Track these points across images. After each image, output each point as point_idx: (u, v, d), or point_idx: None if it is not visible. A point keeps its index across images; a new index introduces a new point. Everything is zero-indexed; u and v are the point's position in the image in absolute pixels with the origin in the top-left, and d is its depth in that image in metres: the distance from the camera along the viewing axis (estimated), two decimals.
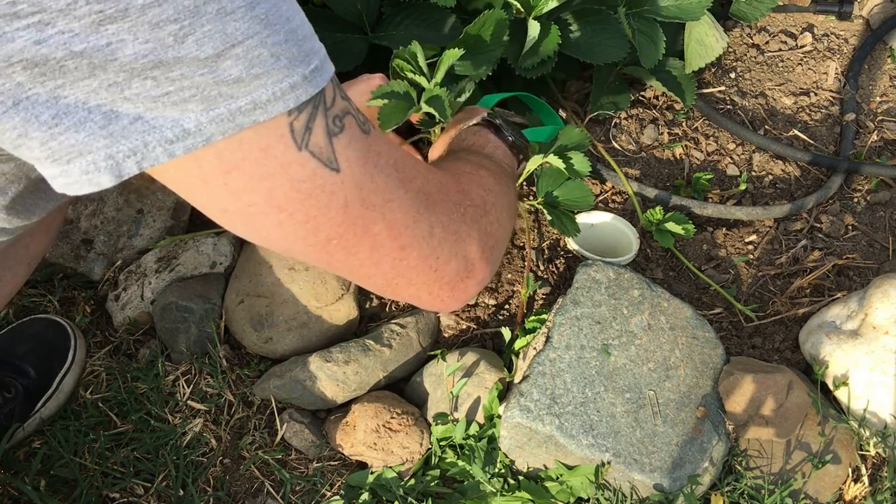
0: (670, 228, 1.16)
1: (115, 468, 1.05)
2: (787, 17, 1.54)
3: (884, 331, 1.06)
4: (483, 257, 0.67)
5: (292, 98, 0.48)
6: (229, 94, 0.46)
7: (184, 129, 0.46)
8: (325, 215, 0.54)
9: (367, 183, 0.55)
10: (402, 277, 0.62)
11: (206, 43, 0.44)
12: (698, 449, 1.01)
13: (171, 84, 0.44)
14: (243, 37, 0.45)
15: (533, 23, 1.10)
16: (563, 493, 1.02)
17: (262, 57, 0.46)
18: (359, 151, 0.54)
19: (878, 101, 1.44)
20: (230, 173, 0.49)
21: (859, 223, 1.28)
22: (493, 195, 0.73)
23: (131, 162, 0.46)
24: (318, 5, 1.23)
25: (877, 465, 1.07)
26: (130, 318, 1.17)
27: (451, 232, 0.64)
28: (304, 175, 0.51)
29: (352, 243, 0.57)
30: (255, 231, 0.54)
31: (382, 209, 0.57)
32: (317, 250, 0.56)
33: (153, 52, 0.43)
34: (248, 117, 0.47)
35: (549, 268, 1.21)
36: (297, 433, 1.08)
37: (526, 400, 1.01)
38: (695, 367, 1.06)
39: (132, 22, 0.42)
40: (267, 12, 0.46)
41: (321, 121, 0.51)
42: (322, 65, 0.50)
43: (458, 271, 0.65)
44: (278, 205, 0.52)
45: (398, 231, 0.59)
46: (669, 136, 1.35)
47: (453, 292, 0.66)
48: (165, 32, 0.43)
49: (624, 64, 1.30)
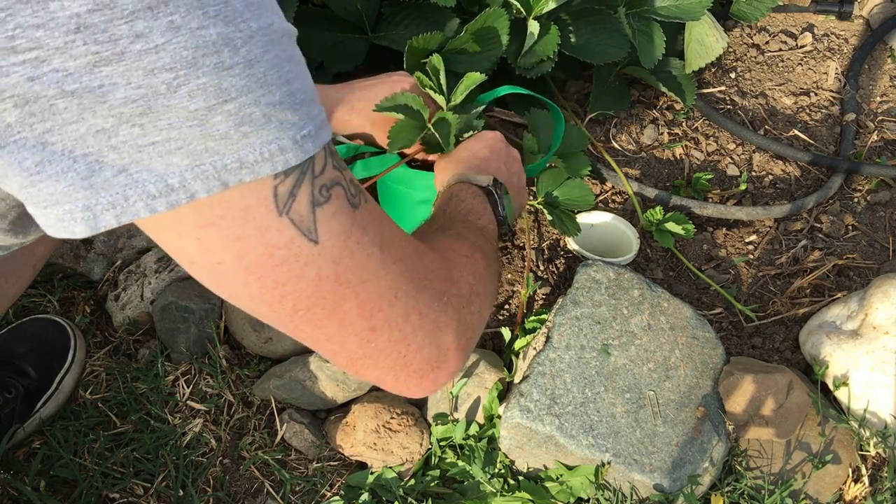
0: (670, 228, 1.16)
1: (114, 468, 1.05)
2: (788, 17, 1.54)
3: (884, 331, 1.06)
4: (458, 348, 0.64)
5: (281, 161, 0.47)
6: (215, 151, 0.45)
7: (167, 185, 0.45)
8: (294, 285, 0.52)
9: (346, 259, 0.53)
10: (368, 359, 0.59)
11: (198, 95, 0.43)
12: (698, 449, 1.01)
13: (157, 133, 0.43)
14: (237, 94, 0.44)
15: (533, 23, 1.10)
16: (563, 493, 1.02)
17: (254, 116, 0.45)
18: (342, 225, 0.52)
19: (879, 101, 1.44)
20: (205, 229, 0.48)
21: (859, 223, 1.28)
22: (480, 284, 0.70)
23: (110, 215, 0.45)
24: (318, 5, 1.23)
25: (877, 466, 1.07)
26: (130, 318, 1.17)
27: (430, 321, 0.61)
28: (280, 241, 0.50)
29: (319, 317, 0.55)
30: (221, 288, 0.53)
31: (357, 287, 0.55)
32: (282, 317, 0.55)
33: (143, 98, 0.42)
34: (235, 176, 0.46)
35: (549, 268, 1.21)
36: (297, 433, 1.08)
37: (526, 400, 1.01)
38: (695, 367, 1.06)
39: (127, 66, 0.41)
40: (266, 72, 0.45)
41: (307, 188, 0.50)
42: (316, 131, 0.49)
43: (428, 361, 0.62)
44: (247, 267, 0.50)
45: (370, 312, 0.56)
46: (669, 136, 1.34)
47: (420, 381, 0.63)
48: (159, 80, 0.42)
49: (624, 64, 1.30)
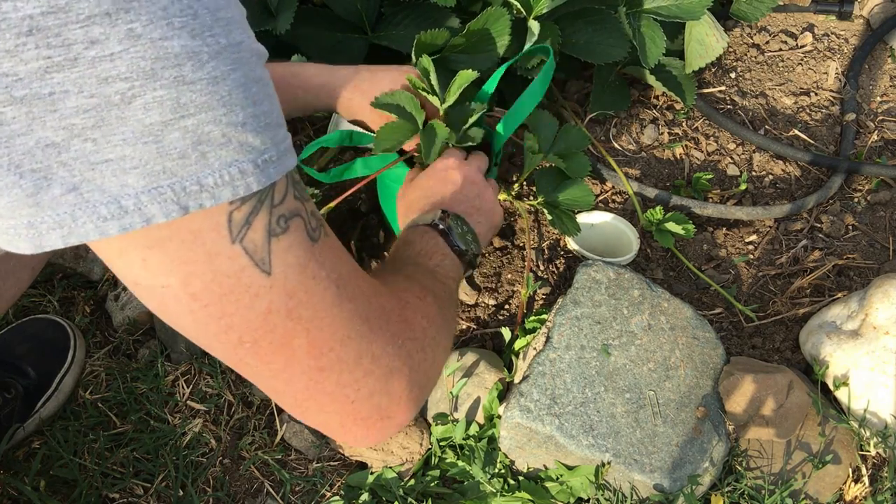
0: (670, 228, 1.16)
1: (114, 468, 1.05)
2: (788, 16, 1.54)
3: (884, 331, 1.06)
4: (410, 398, 0.61)
5: (242, 185, 0.45)
6: (172, 172, 0.42)
7: (121, 207, 0.42)
8: (242, 316, 0.49)
9: (300, 293, 0.51)
10: (314, 401, 0.56)
11: (154, 108, 0.41)
12: (698, 449, 1.01)
13: (111, 150, 0.41)
14: (196, 110, 0.42)
15: (533, 23, 1.09)
16: (563, 493, 1.02)
17: (213, 135, 0.43)
18: (298, 258, 0.50)
19: (879, 101, 1.44)
20: (151, 249, 0.45)
21: (860, 223, 1.28)
22: (434, 328, 0.67)
23: (55, 235, 0.43)
24: (318, 5, 1.23)
25: (877, 466, 1.07)
26: (130, 318, 1.17)
27: (382, 365, 0.58)
28: (230, 270, 0.47)
29: (266, 351, 0.52)
30: (165, 313, 0.50)
31: (309, 324, 0.52)
32: (226, 349, 0.52)
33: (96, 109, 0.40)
34: (195, 200, 0.43)
35: (549, 268, 1.21)
36: (297, 433, 1.08)
37: (526, 400, 1.01)
38: (695, 367, 1.06)
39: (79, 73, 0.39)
40: (231, 91, 0.43)
41: (264, 217, 0.47)
42: (279, 157, 0.47)
43: (378, 409, 0.59)
44: (193, 293, 0.48)
45: (321, 351, 0.54)
46: (669, 136, 1.34)
47: (368, 431, 0.59)
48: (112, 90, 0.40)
49: (624, 64, 1.30)
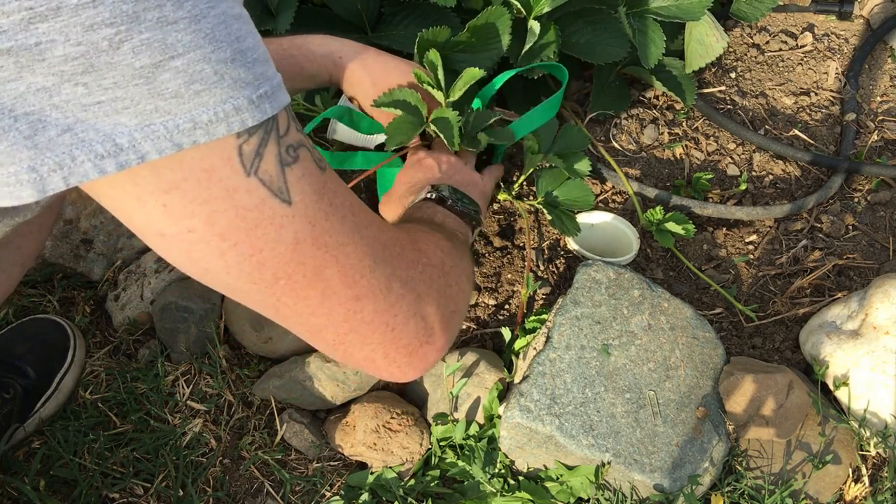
0: (670, 228, 1.16)
1: (114, 468, 1.05)
2: (788, 16, 1.54)
3: (884, 331, 1.06)
4: (442, 321, 0.62)
5: (237, 121, 0.45)
6: (166, 110, 0.43)
7: (116, 145, 0.42)
8: (272, 250, 0.49)
9: (321, 221, 0.51)
10: (356, 333, 0.57)
11: (143, 52, 0.41)
12: (698, 449, 1.01)
13: (102, 93, 0.41)
14: (184, 49, 0.42)
15: (533, 23, 1.09)
16: (563, 493, 1.02)
17: (205, 73, 0.43)
18: (313, 186, 0.51)
19: (879, 101, 1.44)
20: (169, 193, 0.45)
21: (860, 223, 1.28)
22: (451, 258, 0.68)
23: (57, 177, 0.43)
24: (318, 5, 1.23)
25: (877, 466, 1.07)
26: (130, 318, 1.17)
27: (410, 289, 0.59)
28: (251, 203, 0.47)
29: (301, 285, 0.52)
30: (194, 262, 0.50)
31: (336, 252, 0.53)
32: (262, 290, 0.52)
33: (84, 56, 0.40)
34: (188, 137, 0.44)
35: (549, 268, 1.21)
36: (297, 433, 1.08)
37: (526, 400, 1.01)
38: (695, 367, 1.06)
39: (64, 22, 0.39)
40: (214, 28, 0.43)
41: (273, 148, 0.48)
42: (273, 92, 0.47)
43: (416, 334, 0.60)
44: (221, 233, 0.48)
45: (353, 279, 0.54)
46: (669, 136, 1.34)
47: (411, 358, 0.60)
48: (99, 36, 0.40)
49: (624, 64, 1.30)
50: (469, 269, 0.75)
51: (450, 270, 0.67)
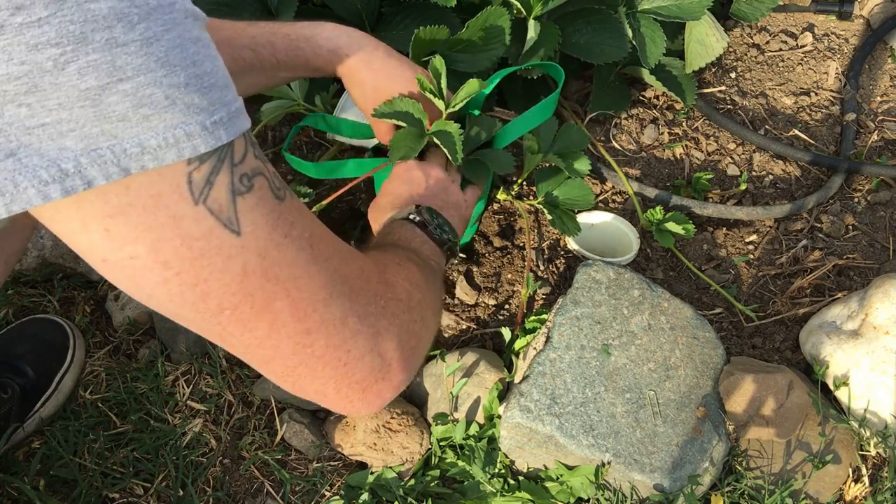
0: (670, 228, 1.16)
1: (114, 468, 1.05)
2: (788, 16, 1.54)
3: (884, 331, 1.06)
4: (401, 358, 0.60)
5: (188, 147, 0.44)
6: (112, 134, 0.41)
7: (60, 170, 0.41)
8: (218, 280, 0.48)
9: (272, 252, 0.50)
10: (306, 367, 0.55)
11: (89, 73, 0.40)
12: (698, 449, 1.01)
13: (47, 115, 0.40)
14: (134, 73, 0.41)
15: (533, 23, 1.09)
16: (563, 493, 1.02)
17: (155, 97, 0.42)
18: (266, 217, 0.49)
19: (879, 101, 1.44)
20: (113, 218, 0.44)
21: (860, 223, 1.28)
22: (419, 291, 0.67)
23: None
24: (318, 5, 1.23)
25: (877, 466, 1.07)
26: (130, 317, 1.17)
27: (369, 325, 0.57)
28: (198, 232, 0.46)
29: (248, 317, 0.51)
30: (138, 288, 0.49)
31: (288, 284, 0.51)
32: (207, 319, 0.50)
33: (28, 76, 0.39)
34: (136, 162, 0.42)
35: (549, 268, 1.21)
36: (297, 433, 1.08)
37: (526, 400, 1.01)
38: (695, 367, 1.06)
39: (7, 41, 0.38)
40: (167, 52, 0.42)
41: (225, 176, 0.46)
42: (230, 118, 0.46)
43: (371, 370, 0.58)
44: (164, 261, 0.46)
45: (304, 312, 0.53)
46: (669, 136, 1.34)
47: (365, 394, 0.59)
48: (44, 56, 0.39)
49: (624, 64, 1.30)
50: (438, 302, 0.74)
51: (416, 305, 0.65)
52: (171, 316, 0.51)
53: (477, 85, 0.92)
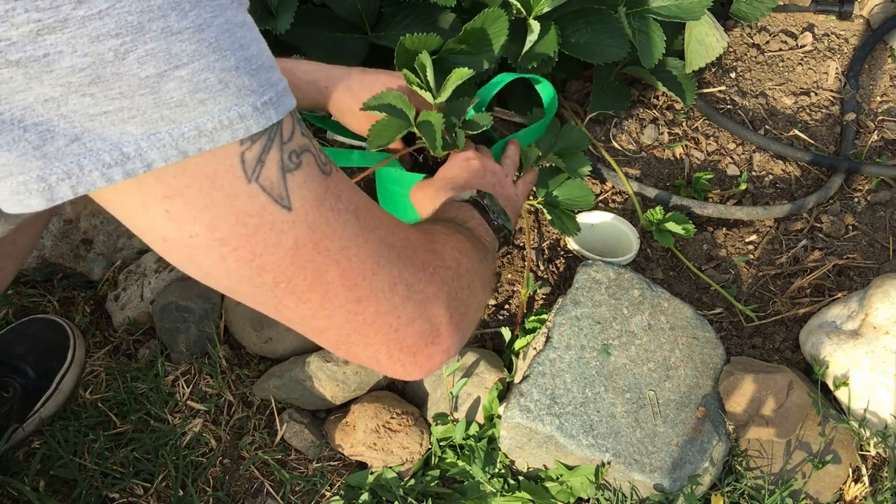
0: (670, 228, 1.16)
1: (114, 468, 1.05)
2: (788, 16, 1.54)
3: (884, 331, 1.06)
4: (450, 323, 0.62)
5: (241, 128, 0.46)
6: (171, 119, 0.44)
7: (122, 153, 0.43)
8: (272, 255, 0.50)
9: (322, 225, 0.52)
10: (358, 334, 0.57)
11: (148, 62, 0.42)
12: (698, 449, 1.01)
13: (109, 103, 0.42)
14: (189, 59, 0.43)
15: (533, 23, 1.09)
16: (563, 493, 1.02)
17: (209, 82, 0.44)
18: (314, 191, 0.51)
19: (879, 101, 1.44)
20: (172, 199, 0.46)
21: (860, 223, 1.28)
22: (468, 261, 0.69)
23: (65, 186, 0.44)
24: (318, 5, 1.23)
25: (877, 466, 1.07)
26: (130, 318, 1.17)
27: (417, 291, 0.59)
28: (251, 209, 0.48)
29: (302, 289, 0.53)
30: (196, 266, 0.51)
31: (337, 255, 0.53)
32: (263, 293, 0.53)
33: (91, 67, 0.41)
34: (193, 145, 0.44)
35: (549, 268, 1.21)
36: (297, 433, 1.08)
37: (526, 400, 1.01)
38: (695, 367, 1.06)
39: (71, 33, 0.40)
40: (218, 37, 0.44)
41: (276, 154, 0.49)
42: (278, 98, 0.48)
43: (421, 335, 0.60)
44: (221, 238, 0.48)
45: (354, 281, 0.55)
46: (669, 136, 1.34)
47: (416, 358, 0.61)
48: (105, 47, 0.41)
49: (624, 64, 1.30)
50: (487, 274, 0.76)
51: (464, 273, 0.67)
52: (228, 292, 0.54)
53: (464, 72, 0.92)
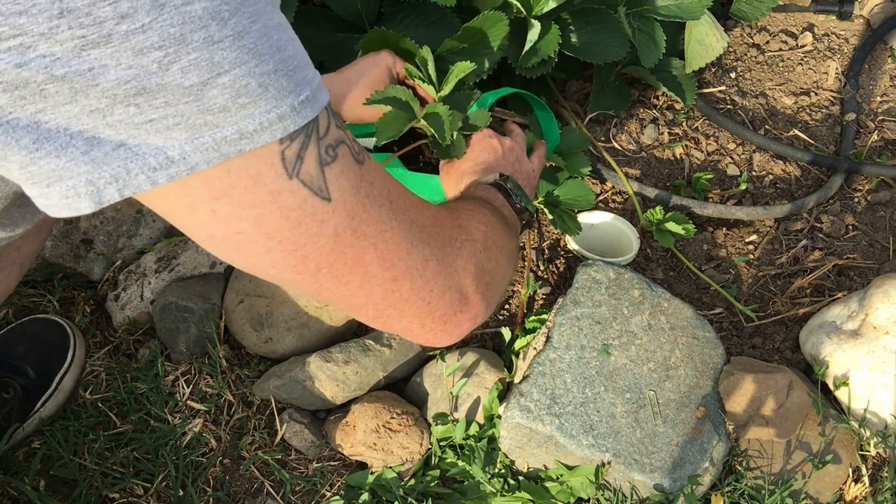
0: (670, 228, 1.16)
1: (114, 468, 1.05)
2: (788, 16, 1.54)
3: (884, 331, 1.06)
4: (478, 292, 0.67)
5: (280, 128, 0.47)
6: (214, 123, 0.45)
7: (167, 157, 0.45)
8: (314, 244, 0.53)
9: (359, 212, 0.55)
10: (394, 309, 0.61)
11: (191, 71, 0.43)
12: (698, 449, 1.01)
13: (154, 111, 0.44)
14: (230, 66, 0.44)
15: (533, 23, 1.09)
16: (563, 493, 1.02)
17: (250, 87, 0.45)
18: (351, 181, 0.54)
19: (879, 101, 1.44)
20: (218, 200, 0.49)
21: (860, 223, 1.28)
22: (493, 233, 0.73)
23: (113, 189, 0.45)
24: (318, 5, 1.23)
25: (877, 466, 1.07)
26: (130, 318, 1.17)
27: (446, 265, 0.63)
28: (294, 203, 0.51)
29: (342, 273, 0.56)
30: (243, 259, 0.54)
31: (374, 239, 0.56)
32: (306, 279, 0.56)
33: (136, 79, 0.42)
34: (234, 147, 0.46)
35: (549, 268, 1.21)
36: (297, 433, 1.08)
37: (526, 400, 1.01)
38: (695, 367, 1.06)
39: (115, 48, 0.41)
40: (256, 42, 0.45)
41: (313, 150, 0.51)
42: (314, 95, 0.50)
43: (451, 305, 0.64)
44: (267, 232, 0.51)
45: (391, 262, 0.58)
46: (669, 136, 1.34)
47: (446, 326, 0.65)
48: (149, 59, 0.42)
49: (624, 64, 1.30)
50: (511, 247, 0.79)
51: (491, 245, 0.71)
52: (272, 279, 0.57)
53: (466, 66, 0.93)
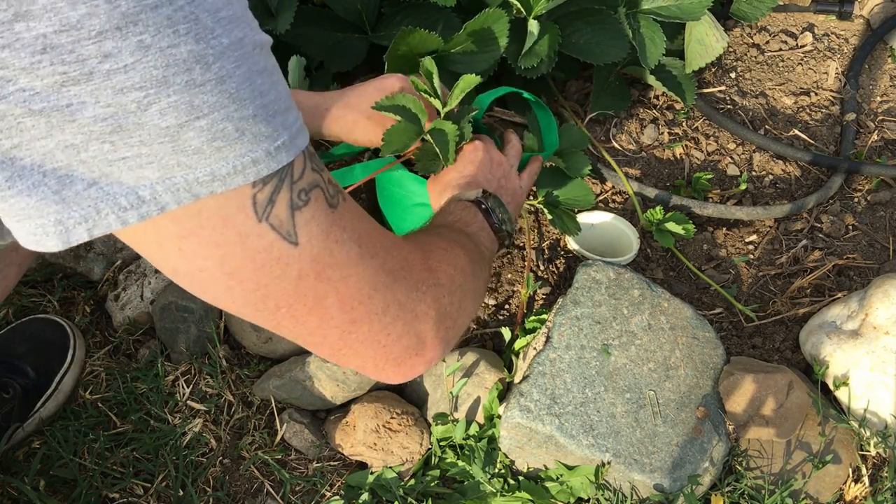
0: (670, 228, 1.16)
1: (114, 468, 1.05)
2: (788, 16, 1.54)
3: (884, 331, 1.06)
4: (436, 337, 0.66)
5: (253, 172, 0.47)
6: (188, 165, 0.45)
7: (138, 197, 0.45)
8: (276, 285, 0.53)
9: (325, 257, 0.54)
10: (349, 349, 0.61)
11: (169, 113, 0.43)
12: (698, 449, 1.01)
13: (128, 150, 0.43)
14: (210, 110, 0.44)
15: (533, 23, 1.09)
16: (563, 493, 1.02)
17: (227, 131, 0.45)
18: (321, 226, 0.53)
19: (879, 101, 1.44)
20: (186, 238, 0.48)
21: (860, 223, 1.28)
22: (461, 276, 0.72)
23: (82, 229, 0.45)
24: (318, 5, 1.23)
25: (877, 466, 1.07)
26: (130, 318, 1.17)
27: (408, 310, 0.62)
28: (260, 246, 0.50)
29: (301, 313, 0.56)
30: (203, 293, 0.54)
31: (337, 283, 0.56)
32: (265, 316, 0.56)
33: (113, 117, 0.42)
34: (206, 188, 0.46)
35: (549, 268, 1.21)
36: (297, 433, 1.08)
37: (526, 400, 1.01)
38: (695, 367, 1.06)
39: (95, 85, 0.41)
40: (238, 87, 0.45)
41: (286, 194, 0.50)
42: (291, 140, 0.49)
43: (407, 349, 0.64)
44: (229, 272, 0.51)
45: (351, 306, 0.58)
46: (669, 136, 1.34)
47: (399, 368, 0.65)
48: (129, 99, 0.42)
49: (624, 64, 1.30)
50: (480, 287, 0.78)
51: (456, 289, 0.70)
52: (232, 312, 0.57)
53: (472, 80, 0.92)
